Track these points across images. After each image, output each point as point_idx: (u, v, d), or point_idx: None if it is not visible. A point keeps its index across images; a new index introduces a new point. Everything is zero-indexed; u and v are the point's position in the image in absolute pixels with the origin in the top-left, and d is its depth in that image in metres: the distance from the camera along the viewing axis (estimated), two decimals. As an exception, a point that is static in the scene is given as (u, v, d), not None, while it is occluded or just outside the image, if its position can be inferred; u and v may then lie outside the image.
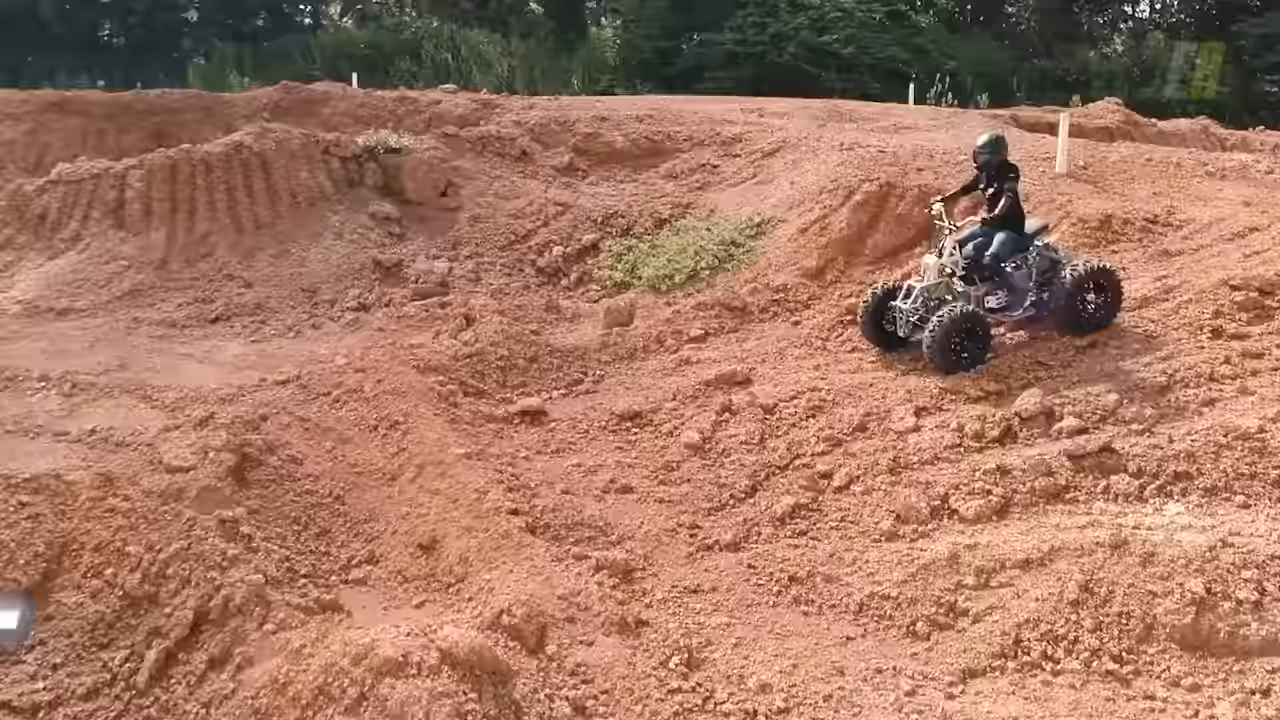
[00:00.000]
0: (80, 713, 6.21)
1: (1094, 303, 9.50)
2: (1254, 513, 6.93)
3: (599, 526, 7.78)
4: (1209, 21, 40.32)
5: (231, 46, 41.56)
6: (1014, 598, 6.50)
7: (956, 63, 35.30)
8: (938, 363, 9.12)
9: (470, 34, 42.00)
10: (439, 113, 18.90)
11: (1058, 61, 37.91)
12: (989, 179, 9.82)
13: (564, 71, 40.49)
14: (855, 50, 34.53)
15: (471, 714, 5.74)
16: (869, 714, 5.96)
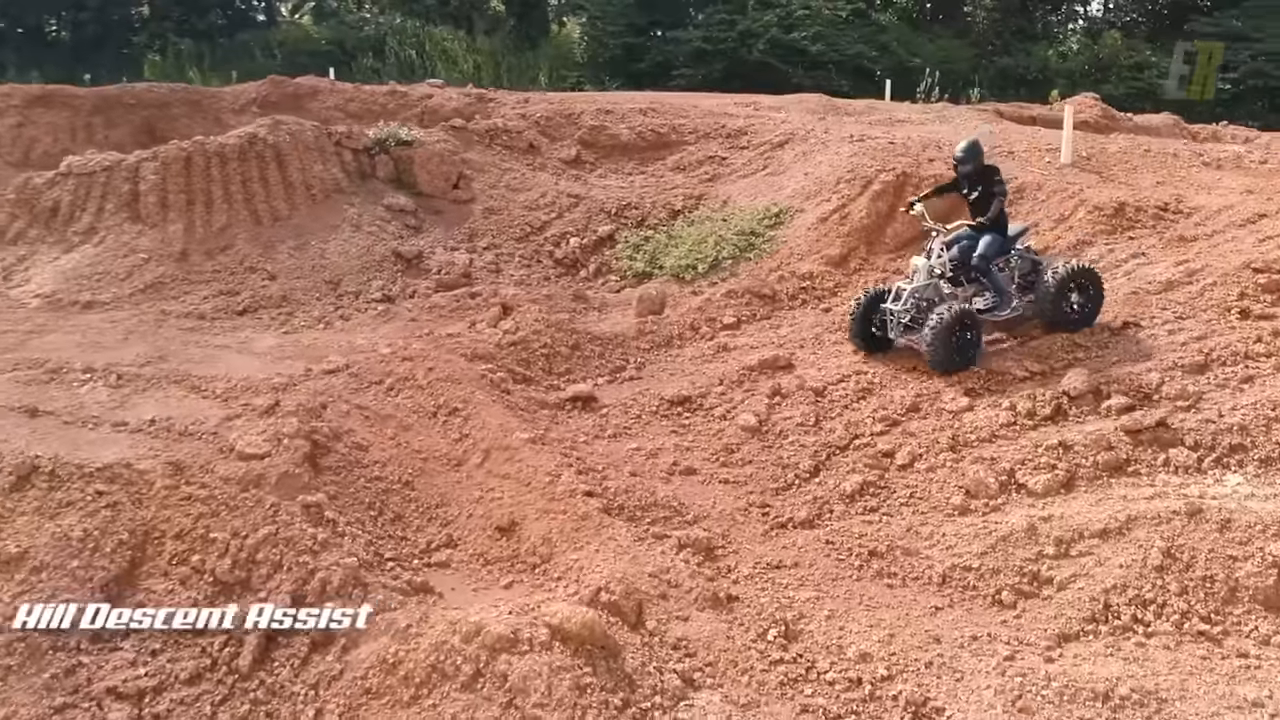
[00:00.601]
0: (186, 697, 6.18)
1: (1078, 302, 9.74)
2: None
3: (673, 507, 7.89)
4: (1161, 20, 41.35)
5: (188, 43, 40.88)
6: (1096, 565, 6.73)
7: (920, 60, 35.91)
8: (938, 360, 9.23)
9: (434, 31, 41.82)
10: (432, 107, 18.86)
11: (1017, 59, 38.65)
12: (971, 183, 9.99)
13: (529, 68, 40.42)
14: (823, 47, 34.97)
15: (590, 687, 5.83)
16: (971, 679, 6.15)
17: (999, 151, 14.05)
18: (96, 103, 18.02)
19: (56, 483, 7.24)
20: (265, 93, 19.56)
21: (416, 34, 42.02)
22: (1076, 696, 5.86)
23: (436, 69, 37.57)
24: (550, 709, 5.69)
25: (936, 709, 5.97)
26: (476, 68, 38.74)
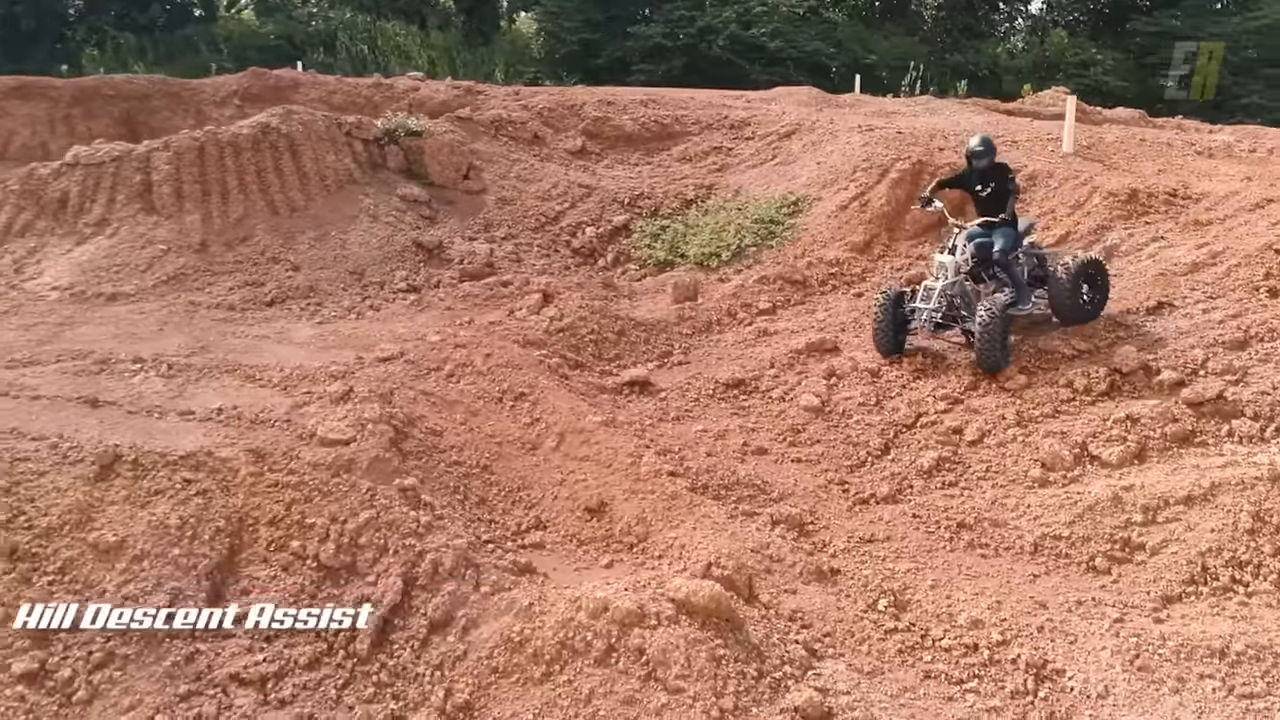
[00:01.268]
0: (308, 681, 6.13)
1: (1087, 294, 9.73)
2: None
3: (756, 485, 7.98)
4: (1103, 19, 42.51)
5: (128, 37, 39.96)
6: (1186, 531, 6.96)
7: (876, 56, 36.54)
8: (991, 357, 9.06)
9: (386, 26, 41.44)
10: (419, 99, 18.74)
11: (967, 56, 39.44)
12: (984, 178, 9.90)
13: (484, 64, 40.24)
14: (781, 44, 35.35)
15: (724, 658, 5.90)
16: (1085, 641, 6.34)
17: (1002, 140, 14.36)
18: (75, 94, 17.58)
19: (141, 471, 7.11)
20: (246, 85, 19.25)
21: (368, 29, 41.56)
22: (1193, 654, 6.08)
23: (389, 64, 37.24)
24: (692, 680, 5.74)
25: (1056, 670, 6.15)
26: (431, 63, 38.44)
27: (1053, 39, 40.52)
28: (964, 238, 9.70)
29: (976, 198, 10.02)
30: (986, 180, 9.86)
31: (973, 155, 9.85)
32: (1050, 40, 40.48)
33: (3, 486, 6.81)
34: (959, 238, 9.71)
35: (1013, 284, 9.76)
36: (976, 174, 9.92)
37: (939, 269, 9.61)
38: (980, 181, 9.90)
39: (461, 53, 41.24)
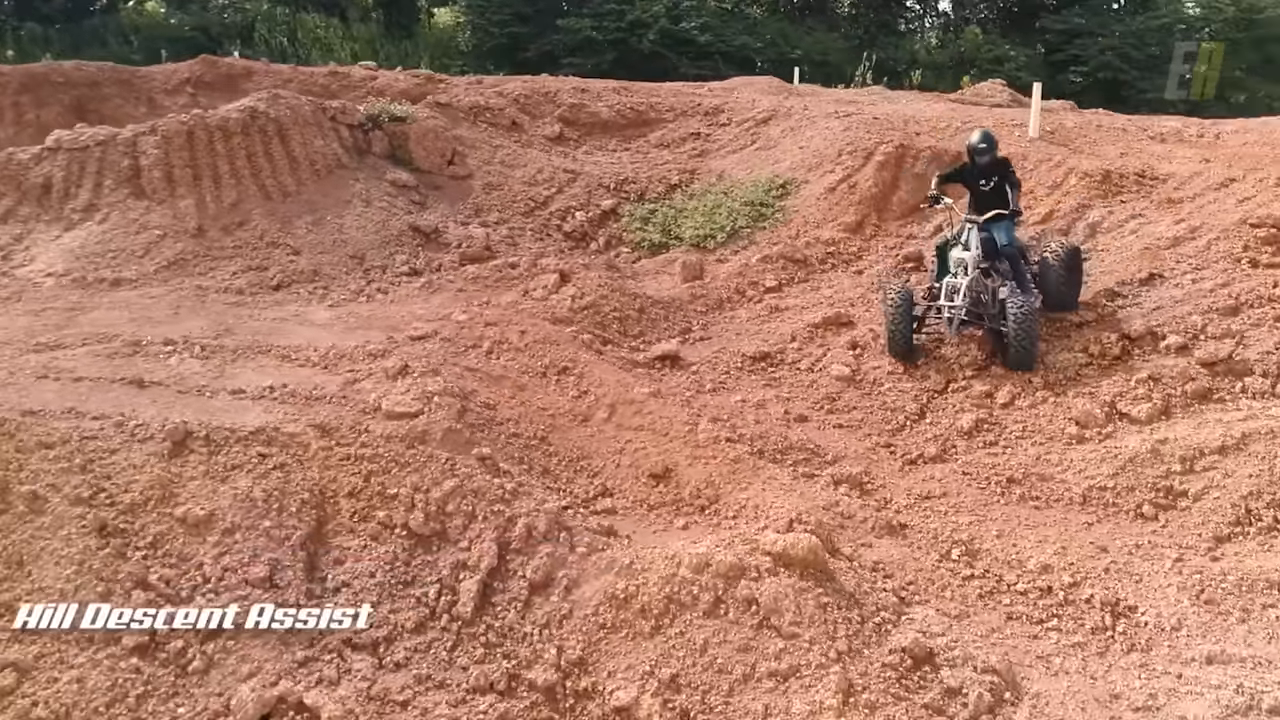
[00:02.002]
0: (418, 645, 6.21)
1: (1070, 281, 9.91)
2: (1370, 400, 8.18)
3: (809, 449, 8.26)
4: (1012, 16, 44.08)
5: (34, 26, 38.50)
6: (1224, 478, 7.46)
7: (800, 52, 37.29)
8: (1030, 355, 9.06)
9: (306, 18, 40.75)
10: (378, 88, 18.57)
11: (886, 52, 40.47)
12: (985, 173, 9.94)
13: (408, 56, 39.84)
14: (711, 38, 35.81)
15: (829, 605, 6.18)
16: (1150, 579, 6.78)
17: (969, 126, 14.91)
18: (24, 80, 16.99)
19: (214, 447, 7.07)
20: (198, 73, 18.84)
21: (287, 20, 40.80)
22: (1254, 586, 6.55)
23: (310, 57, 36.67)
24: (804, 626, 5.99)
25: (1129, 607, 6.56)
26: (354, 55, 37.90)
27: (967, 36, 41.92)
28: (977, 234, 9.59)
29: (978, 192, 10.08)
30: (989, 175, 9.95)
31: (975, 151, 9.90)
32: (965, 37, 41.86)
33: (78, 464, 6.71)
34: (972, 233, 9.61)
35: (1016, 277, 9.68)
36: (979, 169, 9.98)
37: (957, 265, 9.48)
38: (983, 176, 9.97)
39: (385, 45, 40.74)
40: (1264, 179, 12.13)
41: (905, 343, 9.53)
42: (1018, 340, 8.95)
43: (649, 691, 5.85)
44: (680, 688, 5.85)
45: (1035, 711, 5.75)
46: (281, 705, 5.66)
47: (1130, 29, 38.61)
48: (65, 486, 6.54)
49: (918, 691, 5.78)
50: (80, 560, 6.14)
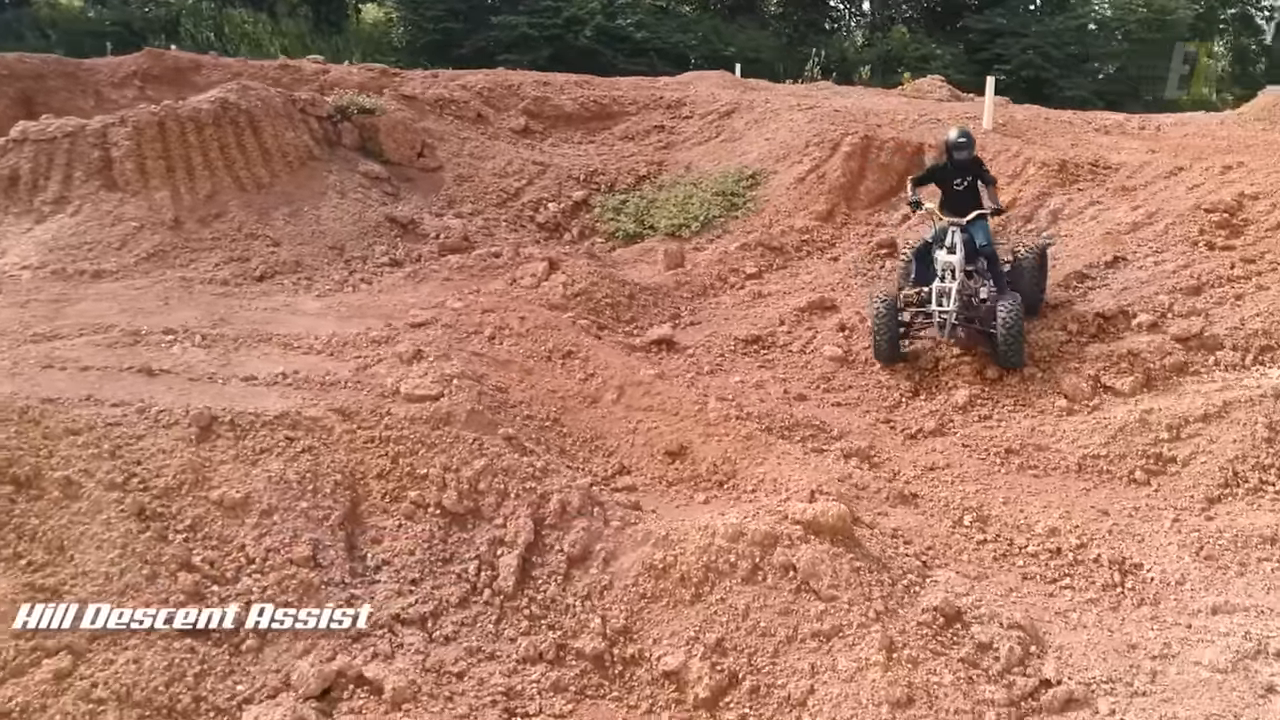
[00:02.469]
0: (464, 619, 6.33)
1: (1040, 279, 10.11)
2: (1331, 370, 8.72)
3: (815, 426, 8.54)
4: (935, 16, 45.20)
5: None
6: (1210, 444, 7.92)
7: (735, 49, 37.74)
8: (1019, 354, 9.19)
9: (232, 13, 40.08)
10: (331, 81, 18.36)
11: (817, 50, 41.19)
12: (962, 171, 9.82)
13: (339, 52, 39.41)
14: (647, 34, 36.11)
15: (860, 569, 6.46)
16: (1151, 539, 7.19)
17: (927, 119, 15.39)
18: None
19: (240, 432, 7.09)
20: (145, 66, 18.44)
21: (213, 15, 40.11)
22: (1248, 543, 7.00)
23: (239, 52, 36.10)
24: (841, 588, 6.26)
25: (1135, 565, 6.96)
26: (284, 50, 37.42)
27: (894, 35, 42.86)
28: (960, 236, 9.49)
29: (951, 191, 9.92)
30: (965, 173, 9.83)
31: (954, 147, 9.73)
32: (892, 36, 42.80)
33: (107, 450, 6.68)
34: (955, 235, 9.49)
35: (994, 277, 9.73)
36: (956, 166, 9.83)
37: (944, 268, 9.35)
38: (959, 174, 9.84)
39: (315, 41, 40.23)
40: (1209, 168, 12.77)
41: (892, 349, 9.54)
42: (1006, 342, 9.05)
43: (696, 656, 6.05)
44: (726, 651, 6.06)
45: (1061, 663, 6.08)
46: (341, 679, 5.74)
47: (1049, 29, 39.82)
48: (98, 472, 6.50)
49: (952, 647, 6.07)
50: (123, 544, 6.12)
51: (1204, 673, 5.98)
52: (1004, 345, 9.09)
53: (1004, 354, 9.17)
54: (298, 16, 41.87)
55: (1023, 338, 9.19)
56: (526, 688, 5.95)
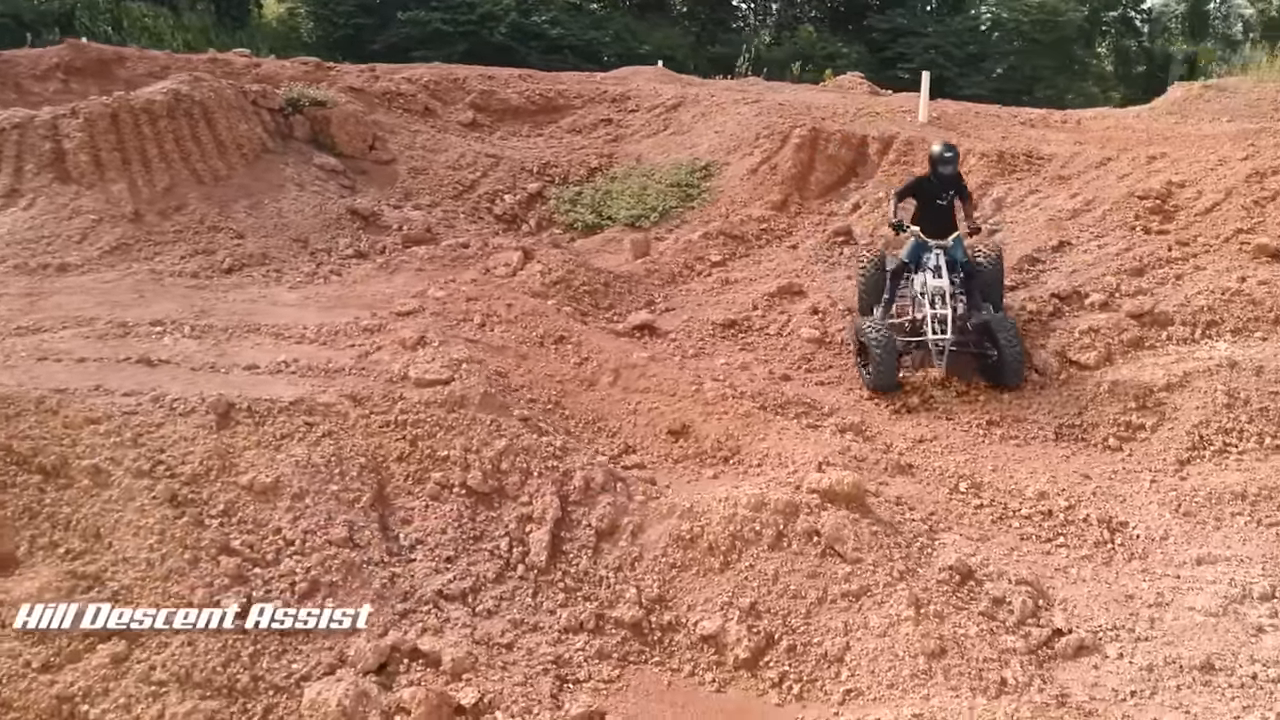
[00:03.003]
0: (503, 593, 6.48)
1: (1000, 282, 10.09)
2: (1270, 343, 9.41)
3: (806, 403, 8.88)
4: (840, 15, 46.34)
5: None
6: (1174, 411, 8.50)
7: (650, 47, 38.10)
8: (1019, 377, 9.15)
9: (131, 6, 38.90)
10: (263, 75, 18.11)
11: (727, 48, 41.80)
12: (945, 186, 9.68)
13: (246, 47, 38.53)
14: (561, 31, 36.23)
15: (878, 532, 6.81)
16: (1132, 499, 7.72)
17: (864, 113, 15.94)
18: (-119, 63, 15.85)
19: (259, 418, 7.11)
20: (68, 58, 17.89)
21: (110, 9, 38.84)
22: (1222, 499, 7.56)
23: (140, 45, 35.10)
24: (864, 551, 6.60)
25: (1121, 523, 7.46)
26: (187, 45, 36.50)
27: (801, 33, 43.81)
28: (943, 258, 9.36)
29: (933, 207, 9.71)
30: (949, 188, 9.68)
31: (940, 161, 9.51)
32: (799, 34, 43.75)
33: (129, 438, 6.64)
34: (939, 258, 9.33)
35: (967, 293, 9.66)
36: (940, 182, 9.64)
37: (936, 294, 9.11)
38: (944, 189, 9.67)
39: (219, 36, 39.28)
40: (1135, 158, 13.55)
41: (892, 380, 9.23)
42: (1012, 360, 8.96)
43: (732, 619, 6.31)
44: (761, 614, 6.34)
45: (1068, 614, 6.52)
46: (396, 653, 5.83)
47: (949, 29, 41.18)
48: (124, 460, 6.47)
49: (970, 602, 6.46)
50: (160, 530, 6.11)
51: (1198, 617, 6.46)
52: (1012, 362, 8.98)
53: (1010, 374, 9.05)
54: (199, 11, 40.84)
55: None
56: (573, 656, 6.12)
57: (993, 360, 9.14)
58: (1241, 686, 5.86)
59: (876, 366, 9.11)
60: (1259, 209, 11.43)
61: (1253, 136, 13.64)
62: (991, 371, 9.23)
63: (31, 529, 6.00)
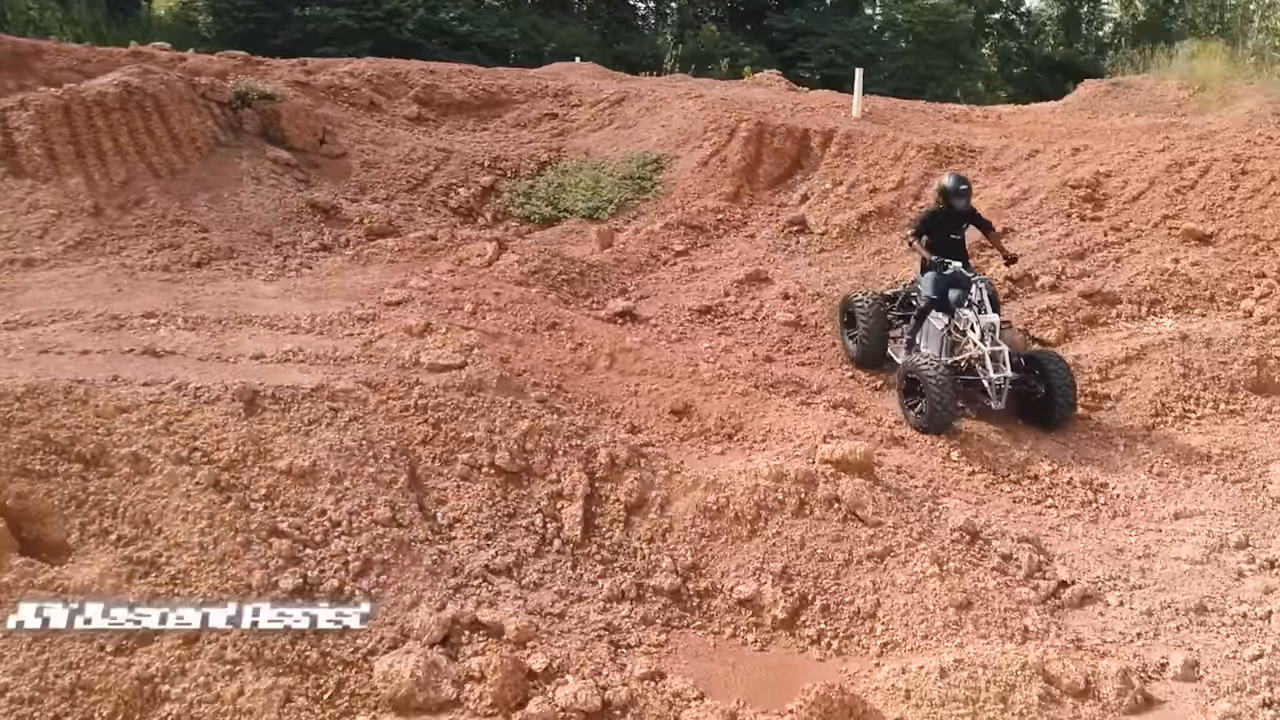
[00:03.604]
0: (544, 567, 6.69)
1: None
2: (1210, 319, 10.19)
3: (795, 382, 9.27)
4: (740, 16, 47.20)
5: None
6: (1135, 382, 9.16)
7: (555, 44, 38.25)
8: (1068, 418, 8.84)
9: (17, 0, 37.41)
10: (191, 68, 17.70)
11: (632, 46, 42.23)
12: (961, 219, 9.49)
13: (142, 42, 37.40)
14: (470, 28, 36.10)
15: (892, 497, 7.27)
16: (1109, 461, 8.35)
17: (800, 108, 16.47)
18: None
19: (284, 405, 7.16)
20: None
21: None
22: (1189, 460, 8.22)
23: (26, 39, 33.82)
24: (884, 514, 7.02)
25: (1102, 485, 8.06)
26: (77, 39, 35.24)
27: (704, 33, 44.50)
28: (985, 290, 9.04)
29: (947, 241, 9.41)
30: (963, 221, 9.48)
31: (955, 194, 9.26)
32: (702, 33, 44.44)
33: (161, 426, 6.64)
34: (983, 290, 8.99)
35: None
36: (956, 215, 9.42)
37: (988, 330, 8.74)
38: (958, 222, 9.47)
39: (111, 29, 38.02)
40: (1061, 150, 14.38)
41: (951, 422, 8.69)
42: (1064, 400, 8.68)
43: (766, 583, 6.65)
44: (792, 577, 6.69)
45: (1069, 567, 7.05)
46: (457, 625, 5.99)
47: (847, 29, 42.33)
48: (161, 447, 6.46)
49: (982, 560, 6.93)
50: (209, 515, 6.14)
51: (1184, 566, 7.05)
52: (1062, 405, 8.67)
53: (1060, 413, 8.74)
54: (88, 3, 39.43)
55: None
56: (620, 623, 6.37)
57: (1038, 398, 8.75)
58: (1234, 625, 6.44)
59: (935, 408, 8.46)
60: (1181, 196, 12.30)
61: (1165, 130, 14.63)
62: (1037, 409, 8.83)
63: (80, 517, 5.97)
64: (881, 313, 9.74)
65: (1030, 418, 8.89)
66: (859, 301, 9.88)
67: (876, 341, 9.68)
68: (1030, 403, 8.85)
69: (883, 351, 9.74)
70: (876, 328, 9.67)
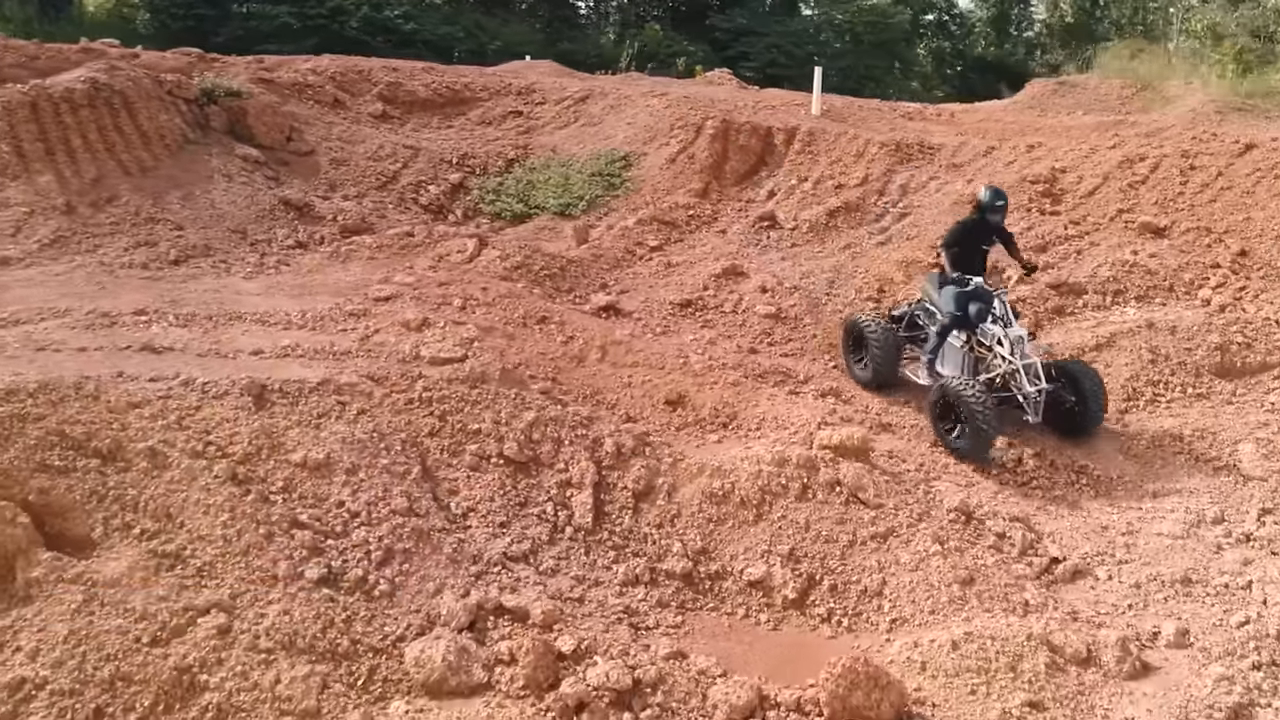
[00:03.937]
0: (558, 554, 6.83)
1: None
2: (1171, 307, 10.62)
3: (783, 373, 9.50)
4: (682, 16, 47.53)
5: None
6: (1105, 368, 9.51)
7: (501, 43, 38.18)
8: (1097, 427, 8.75)
9: (-55, 0, 36.47)
10: (146, 64, 17.53)
11: (577, 44, 42.31)
12: (993, 233, 9.36)
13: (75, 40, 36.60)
14: (415, 26, 35.89)
15: (889, 479, 7.56)
16: (1088, 444, 8.67)
17: (761, 105, 16.75)
18: None
19: (292, 399, 7.22)
20: (-75, 46, 16.88)
21: (-79, 3, 36.34)
22: (1161, 442, 8.60)
23: (-48, 37, 32.99)
24: (884, 497, 7.28)
25: (1083, 467, 8.41)
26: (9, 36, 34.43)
27: (647, 31, 44.70)
28: (1008, 304, 9.03)
29: (978, 253, 9.36)
30: (995, 233, 9.36)
31: (991, 209, 9.08)
32: (645, 32, 44.63)
33: (174, 421, 6.66)
34: (1005, 304, 8.98)
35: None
36: (988, 229, 9.28)
37: (1016, 343, 8.68)
38: (990, 235, 9.35)
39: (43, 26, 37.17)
40: (1016, 146, 14.81)
41: (997, 432, 8.43)
42: (1096, 410, 8.58)
43: (775, 565, 6.86)
44: (800, 559, 6.90)
45: (1058, 544, 7.36)
46: (482, 611, 6.10)
47: (788, 29, 42.88)
48: (176, 441, 6.49)
49: (979, 538, 7.21)
50: (230, 507, 6.18)
51: (1166, 541, 7.40)
52: (1094, 415, 8.60)
53: (1091, 423, 8.66)
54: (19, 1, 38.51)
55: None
56: (637, 606, 6.53)
57: (1068, 407, 8.62)
58: (1218, 595, 6.78)
59: (979, 430, 8.18)
60: (1134, 191, 12.76)
61: (1114, 127, 15.14)
62: (1067, 418, 8.69)
63: (102, 511, 5.97)
64: (892, 335, 9.68)
65: (1059, 426, 8.76)
66: (868, 326, 9.67)
67: (889, 366, 9.56)
68: (1060, 412, 8.67)
69: (894, 373, 9.65)
70: (889, 351, 9.54)
